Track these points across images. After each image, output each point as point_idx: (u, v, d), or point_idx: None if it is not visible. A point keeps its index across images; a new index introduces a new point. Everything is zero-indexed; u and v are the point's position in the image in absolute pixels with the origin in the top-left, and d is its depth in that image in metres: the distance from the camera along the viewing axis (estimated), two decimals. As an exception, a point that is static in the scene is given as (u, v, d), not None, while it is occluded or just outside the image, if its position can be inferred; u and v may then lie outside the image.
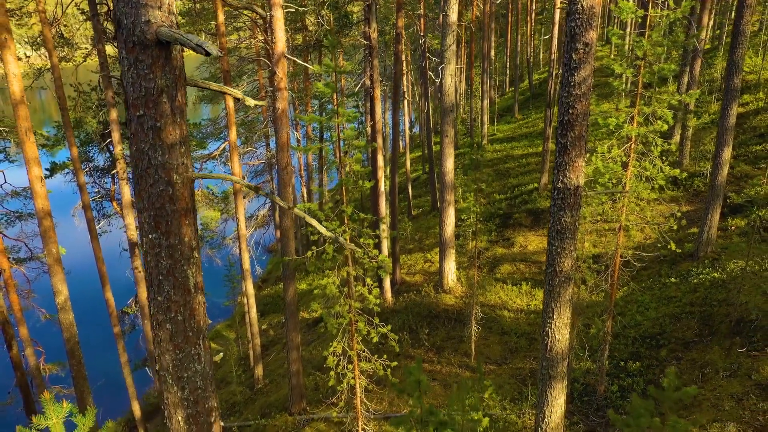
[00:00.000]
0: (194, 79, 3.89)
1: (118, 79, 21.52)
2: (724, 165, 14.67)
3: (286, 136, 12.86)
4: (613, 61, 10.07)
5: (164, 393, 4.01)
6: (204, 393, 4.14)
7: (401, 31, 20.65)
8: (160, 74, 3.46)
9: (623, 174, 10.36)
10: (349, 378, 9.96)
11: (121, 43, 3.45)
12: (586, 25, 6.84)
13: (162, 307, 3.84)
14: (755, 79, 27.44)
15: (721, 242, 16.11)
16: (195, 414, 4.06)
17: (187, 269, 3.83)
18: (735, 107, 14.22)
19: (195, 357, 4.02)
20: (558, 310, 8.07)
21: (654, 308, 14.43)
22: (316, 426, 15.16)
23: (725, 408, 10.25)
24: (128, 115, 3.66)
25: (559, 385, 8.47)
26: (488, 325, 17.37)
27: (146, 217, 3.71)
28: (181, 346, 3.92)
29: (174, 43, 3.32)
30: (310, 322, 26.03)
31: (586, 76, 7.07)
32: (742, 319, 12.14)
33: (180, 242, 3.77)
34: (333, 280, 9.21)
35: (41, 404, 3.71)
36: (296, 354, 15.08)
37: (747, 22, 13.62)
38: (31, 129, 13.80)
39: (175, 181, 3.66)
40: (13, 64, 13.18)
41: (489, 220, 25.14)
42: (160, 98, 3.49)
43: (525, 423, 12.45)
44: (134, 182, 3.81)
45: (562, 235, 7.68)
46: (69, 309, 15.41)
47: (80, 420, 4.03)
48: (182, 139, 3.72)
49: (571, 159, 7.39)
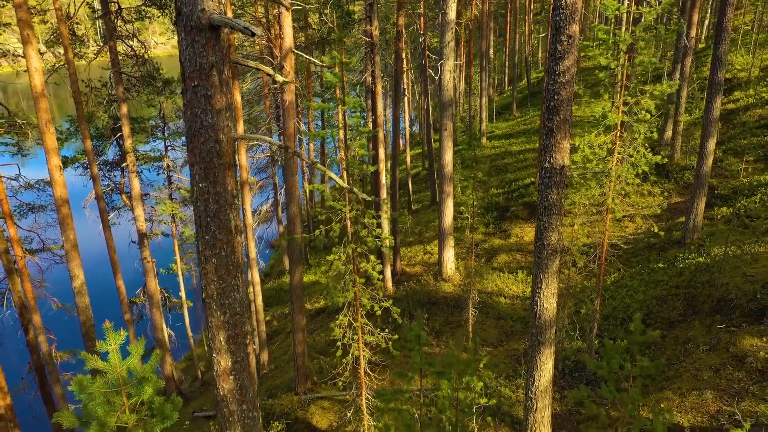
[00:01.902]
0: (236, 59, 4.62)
1: (128, 75, 22.28)
2: (709, 156, 15.42)
3: (293, 126, 13.59)
4: (600, 54, 10.82)
5: (209, 318, 4.76)
6: (241, 318, 4.90)
7: (402, 29, 21.41)
8: (212, 52, 4.20)
9: (609, 159, 11.11)
10: (353, 349, 10.69)
11: (180, 27, 4.19)
12: (569, 18, 7.59)
13: (209, 244, 4.61)
14: (746, 76, 28.19)
15: (707, 230, 16.86)
16: (234, 335, 4.82)
17: (229, 213, 4.59)
18: (719, 100, 14.96)
19: (234, 287, 4.78)
20: (546, 280, 8.82)
21: (642, 291, 15.18)
22: (320, 404, 15.92)
23: (704, 378, 11.00)
24: (184, 86, 4.40)
25: (547, 350, 9.22)
26: (485, 311, 18.11)
27: (197, 170, 4.46)
28: (224, 277, 4.68)
29: (224, 26, 4.06)
30: (312, 313, 26.74)
31: (570, 66, 7.82)
32: (723, 299, 12.88)
33: (224, 190, 4.53)
34: (339, 256, 9.94)
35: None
36: (301, 335, 15.81)
37: (729, 19, 14.36)
38: (51, 121, 14.54)
39: (221, 139, 4.41)
40: (35, 59, 13.92)
41: (486, 213, 25.90)
42: (211, 72, 4.23)
43: (518, 397, 13.18)
44: (187, 141, 4.56)
45: (549, 210, 8.43)
46: (85, 293, 16.13)
47: (133, 348, 4.77)
48: (227, 106, 4.45)
49: (557, 141, 8.14)
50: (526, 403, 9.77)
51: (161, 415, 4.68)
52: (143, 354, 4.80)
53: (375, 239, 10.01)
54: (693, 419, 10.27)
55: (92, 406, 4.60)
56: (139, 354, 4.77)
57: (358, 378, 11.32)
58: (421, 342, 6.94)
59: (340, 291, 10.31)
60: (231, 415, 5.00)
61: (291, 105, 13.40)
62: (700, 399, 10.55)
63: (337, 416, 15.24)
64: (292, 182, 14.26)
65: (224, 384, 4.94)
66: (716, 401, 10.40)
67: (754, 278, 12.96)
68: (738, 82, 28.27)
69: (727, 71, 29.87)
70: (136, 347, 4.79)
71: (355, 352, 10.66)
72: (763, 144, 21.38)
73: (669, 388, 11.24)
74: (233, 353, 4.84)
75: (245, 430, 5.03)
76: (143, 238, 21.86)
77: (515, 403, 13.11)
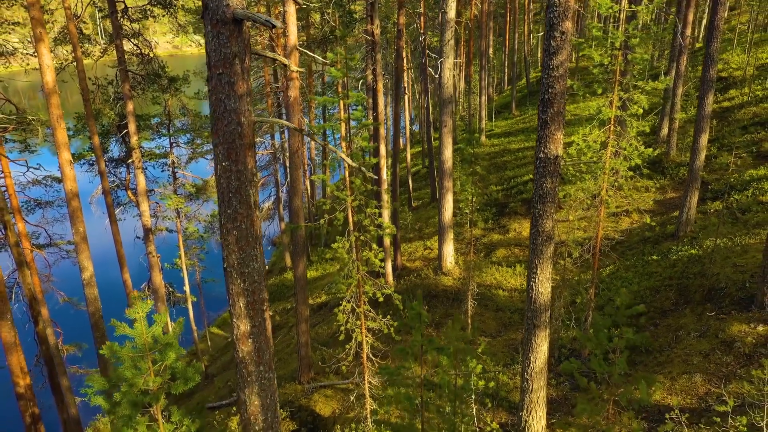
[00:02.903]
0: (255, 49, 5.04)
1: (134, 73, 22.70)
2: (701, 151, 15.85)
3: (297, 121, 14.02)
4: (593, 51, 11.25)
5: (229, 285, 5.19)
6: (259, 286, 5.33)
7: (402, 28, 21.84)
8: (235, 43, 4.64)
9: (603, 152, 11.54)
10: (357, 335, 11.12)
11: (207, 20, 4.62)
12: (562, 16, 8.02)
13: (230, 218, 5.04)
14: (741, 75, 28.63)
15: (700, 223, 17.29)
16: (252, 302, 5.25)
17: (249, 189, 5.02)
18: (711, 97, 15.40)
19: (253, 257, 5.21)
20: (541, 265, 9.25)
21: (636, 283, 15.60)
22: (323, 392, 16.34)
23: (693, 362, 11.43)
24: (209, 74, 4.83)
25: (542, 333, 9.64)
26: (484, 303, 18.54)
27: (221, 150, 4.90)
28: (244, 248, 5.10)
29: (246, 20, 4.48)
30: (314, 307, 27.15)
31: (563, 60, 8.25)
32: (713, 288, 13.31)
33: (245, 168, 4.96)
34: (343, 244, 10.37)
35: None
36: (305, 326, 16.23)
37: (721, 18, 14.80)
38: (62, 116, 14.97)
39: (243, 122, 4.84)
40: (47, 56, 14.35)
41: (486, 209, 26.33)
42: (234, 61, 4.66)
43: (516, 383, 13.60)
44: (212, 123, 5.00)
45: (544, 199, 8.85)
46: (94, 284, 16.56)
47: (158, 317, 5.19)
48: (248, 92, 4.87)
49: (551, 132, 8.56)
50: (522, 385, 10.19)
51: (184, 377, 5.11)
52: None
53: (377, 228, 10.43)
54: (682, 401, 10.70)
55: (121, 369, 5.03)
56: (163, 322, 5.19)
57: (361, 363, 11.74)
58: (422, 319, 7.37)
59: (344, 278, 10.74)
60: (249, 376, 5.45)
61: (296, 101, 13.83)
62: (689, 382, 10.99)
63: (340, 404, 15.67)
64: (296, 176, 14.68)
65: (243, 347, 5.38)
66: (705, 384, 10.83)
67: (744, 268, 13.40)
68: (733, 81, 28.71)
69: (723, 70, 30.32)
70: (160, 316, 5.22)
71: (359, 337, 11.09)
72: (756, 141, 21.81)
73: (660, 372, 11.67)
74: (252, 318, 5.28)
75: (262, 389, 5.47)
76: (148, 233, 22.27)
77: (513, 390, 13.54)
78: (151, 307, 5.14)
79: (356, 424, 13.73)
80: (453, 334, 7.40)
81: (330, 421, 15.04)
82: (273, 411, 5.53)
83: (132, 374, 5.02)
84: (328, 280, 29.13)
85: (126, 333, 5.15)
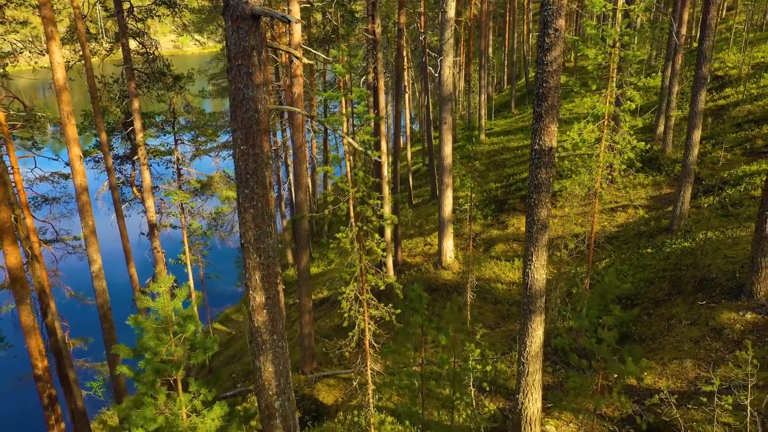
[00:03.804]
0: (271, 43, 5.46)
1: (139, 71, 23.13)
2: (694, 146, 16.27)
3: (301, 117, 14.44)
4: (589, 49, 11.67)
5: (246, 260, 5.61)
6: (273, 261, 5.76)
7: (403, 27, 22.26)
8: (252, 37, 5.06)
9: (597, 146, 11.96)
10: (359, 321, 11.54)
11: (227, 16, 5.05)
12: (555, 14, 8.44)
13: (247, 197, 5.47)
14: (737, 73, 29.06)
15: (694, 217, 17.72)
16: (267, 275, 5.67)
17: (265, 171, 5.45)
18: (704, 94, 15.82)
19: (268, 234, 5.63)
20: (536, 253, 9.66)
21: (631, 275, 16.03)
22: (326, 382, 16.77)
23: (684, 349, 11.85)
24: (229, 65, 5.26)
25: (538, 318, 10.06)
26: (483, 296, 18.97)
27: (239, 135, 5.33)
28: (260, 225, 5.53)
29: (263, 15, 4.90)
30: (316, 302, 27.57)
31: (557, 56, 8.67)
32: (704, 278, 13.73)
33: (261, 152, 5.39)
34: (346, 234, 10.79)
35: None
36: (308, 317, 16.66)
37: (713, 17, 15.23)
38: (72, 113, 15.40)
39: (259, 109, 5.27)
40: (57, 53, 14.77)
41: (485, 206, 26.74)
42: (252, 53, 5.09)
43: (513, 371, 14.02)
44: (231, 110, 5.43)
45: (539, 188, 9.27)
46: (102, 277, 16.98)
47: (179, 291, 5.61)
48: (264, 81, 5.30)
49: (546, 125, 8.98)
50: (519, 368, 10.60)
51: (203, 347, 5.52)
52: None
53: (379, 219, 10.86)
54: (672, 385, 11.12)
55: (145, 339, 5.44)
56: (183, 297, 5.62)
57: (364, 350, 12.15)
58: (423, 300, 7.79)
59: (347, 266, 11.16)
60: (264, 344, 5.88)
61: (299, 97, 14.24)
62: (680, 367, 11.41)
63: (343, 392, 16.09)
64: (300, 170, 15.10)
65: (258, 317, 5.80)
66: (695, 369, 11.26)
67: (734, 259, 13.82)
68: (729, 79, 29.15)
69: (719, 69, 30.76)
70: (181, 290, 5.64)
71: (361, 324, 11.50)
72: (749, 138, 22.23)
73: (652, 358, 12.09)
74: (266, 290, 5.71)
75: (275, 356, 5.90)
76: (153, 228, 22.69)
77: (510, 377, 13.95)
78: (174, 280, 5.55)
79: (358, 411, 14.16)
80: (450, 315, 7.83)
81: (333, 409, 15.47)
82: (285, 377, 5.97)
83: (155, 344, 5.44)
84: (329, 276, 29.55)
85: (150, 306, 5.57)
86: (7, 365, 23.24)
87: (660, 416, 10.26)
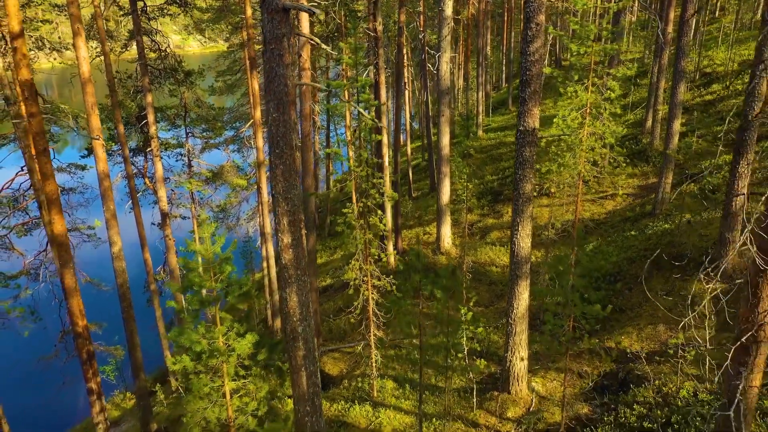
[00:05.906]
0: (298, 31, 6.63)
1: (152, 67, 24.33)
2: (674, 135, 17.46)
3: (308, 108, 15.62)
4: (571, 42, 12.85)
5: (276, 208, 6.79)
6: (298, 209, 6.96)
7: (403, 26, 23.45)
8: (283, 26, 6.24)
9: (580, 132, 13.15)
10: (363, 290, 12.75)
11: (264, 9, 6.23)
12: (537, 10, 9.63)
13: (278, 156, 6.66)
14: (723, 70, 30.26)
15: (675, 203, 18.91)
16: (293, 220, 6.87)
17: (292, 134, 6.63)
18: (683, 86, 17.00)
19: (294, 186, 6.83)
20: (522, 223, 10.86)
21: (616, 255, 17.21)
22: (331, 355, 17.97)
23: (658, 315, 13.05)
24: (264, 48, 6.45)
25: (523, 282, 11.25)
26: (478, 278, 20.16)
27: (272, 105, 6.51)
28: (288, 178, 6.72)
29: (292, 8, 6.08)
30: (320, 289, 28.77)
31: (539, 47, 9.86)
32: (680, 255, 14.92)
33: (289, 119, 6.58)
34: (352, 210, 11.98)
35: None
36: (315, 295, 17.84)
37: (691, 14, 16.43)
38: (96, 104, 16.57)
39: (288, 84, 6.45)
40: (83, 48, 15.94)
41: (482, 197, 27.94)
42: (283, 39, 6.27)
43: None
44: (265, 85, 6.62)
45: (524, 165, 10.46)
46: (122, 258, 18.12)
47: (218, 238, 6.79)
48: (292, 62, 6.47)
49: (529, 108, 10.17)
50: (507, 329, 11.80)
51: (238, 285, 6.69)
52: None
53: (380, 196, 12.04)
54: (647, 346, 12.32)
55: (191, 276, 6.61)
56: (221, 243, 6.79)
57: (367, 318, 13.35)
58: (420, 259, 8.97)
59: (353, 239, 12.35)
60: (290, 278, 7.07)
61: (307, 89, 15.42)
62: (654, 331, 12.61)
63: (347, 365, 17.29)
64: (308, 158, 16.28)
65: (286, 255, 7.00)
66: (666, 332, 12.46)
67: (708, 237, 15.02)
68: (716, 76, 30.33)
69: (707, 66, 31.97)
70: (220, 237, 6.81)
71: (365, 293, 12.70)
72: (732, 130, 23.40)
73: (629, 325, 13.29)
74: (292, 233, 6.89)
75: (299, 288, 7.09)
76: (165, 217, 23.86)
77: (501, 347, 15.14)
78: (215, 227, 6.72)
79: (362, 378, 15.36)
80: (445, 272, 9.01)
81: (338, 379, 16.66)
82: (307, 307, 7.16)
83: (199, 280, 6.59)
84: (332, 265, 30.76)
85: (195, 249, 6.73)
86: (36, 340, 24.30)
87: (633, 371, 11.47)
